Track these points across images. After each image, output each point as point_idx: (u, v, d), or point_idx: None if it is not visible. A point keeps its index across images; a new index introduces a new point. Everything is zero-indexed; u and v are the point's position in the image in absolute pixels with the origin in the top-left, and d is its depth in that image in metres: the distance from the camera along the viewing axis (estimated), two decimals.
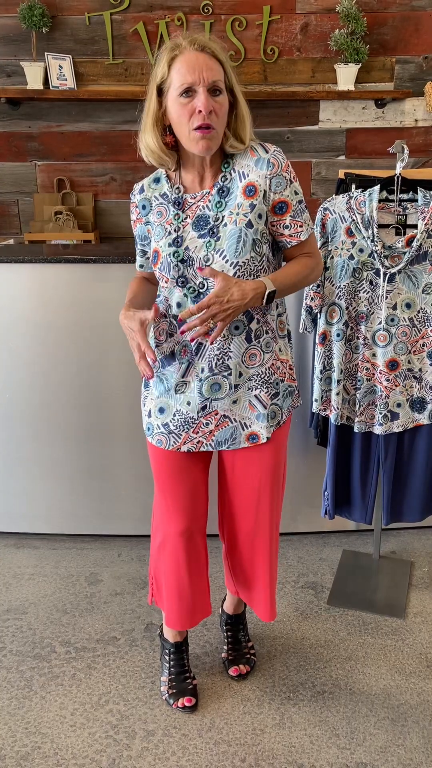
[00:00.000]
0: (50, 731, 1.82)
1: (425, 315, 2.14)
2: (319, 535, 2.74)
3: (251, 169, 1.56)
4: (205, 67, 1.46)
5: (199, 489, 1.80)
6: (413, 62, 3.78)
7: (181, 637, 1.98)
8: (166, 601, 1.89)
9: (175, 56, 1.48)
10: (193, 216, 1.59)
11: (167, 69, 1.49)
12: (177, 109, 1.49)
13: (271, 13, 3.67)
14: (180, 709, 1.87)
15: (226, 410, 1.69)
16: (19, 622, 2.25)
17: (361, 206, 2.05)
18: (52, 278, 2.46)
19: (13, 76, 3.73)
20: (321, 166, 3.92)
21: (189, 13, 3.66)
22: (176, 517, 1.79)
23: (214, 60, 1.48)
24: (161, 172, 1.65)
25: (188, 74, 1.45)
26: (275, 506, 1.82)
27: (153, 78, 1.52)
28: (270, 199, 1.57)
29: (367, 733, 1.81)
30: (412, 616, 2.27)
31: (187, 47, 1.48)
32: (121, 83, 3.76)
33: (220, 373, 1.65)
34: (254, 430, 1.70)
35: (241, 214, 1.55)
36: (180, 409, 1.69)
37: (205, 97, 1.46)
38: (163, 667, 1.98)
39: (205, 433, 1.71)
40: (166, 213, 1.62)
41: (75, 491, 2.67)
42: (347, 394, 2.23)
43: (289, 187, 1.58)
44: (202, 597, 1.88)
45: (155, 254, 1.63)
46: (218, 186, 1.58)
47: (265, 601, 1.85)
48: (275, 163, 1.55)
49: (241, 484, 1.78)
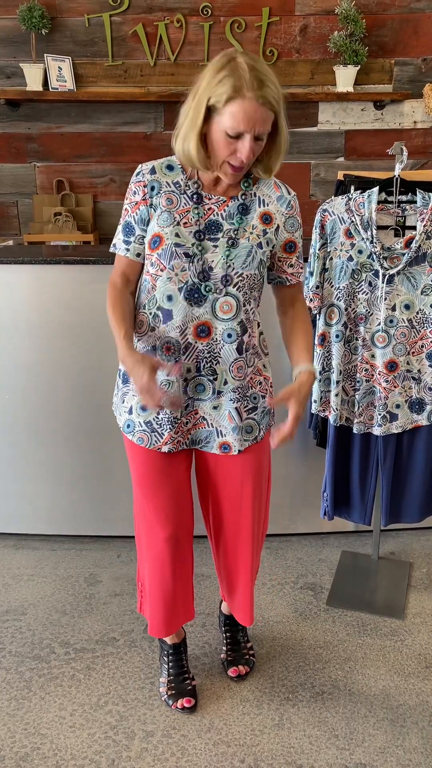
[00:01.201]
0: (49, 732, 1.82)
1: (424, 316, 2.14)
2: (318, 536, 2.74)
3: (271, 201, 1.64)
4: (260, 120, 1.46)
5: (183, 492, 1.79)
6: (412, 64, 3.79)
7: (179, 638, 1.98)
8: (150, 607, 1.88)
9: (235, 98, 1.44)
10: (206, 218, 1.60)
11: (223, 103, 1.45)
12: (220, 139, 1.49)
13: (270, 15, 3.68)
14: (179, 710, 1.87)
15: (206, 413, 1.70)
16: (18, 623, 2.25)
17: (360, 208, 2.06)
18: (52, 279, 2.46)
19: (12, 78, 3.74)
20: (320, 168, 3.93)
21: (188, 14, 3.67)
22: (161, 523, 1.77)
23: (270, 113, 1.47)
24: (174, 160, 1.63)
25: (242, 123, 1.45)
26: (257, 513, 1.82)
27: (203, 90, 1.48)
28: (282, 236, 1.66)
29: (366, 734, 1.81)
30: (411, 617, 2.27)
31: (251, 97, 1.43)
32: (121, 85, 3.76)
33: (207, 376, 1.66)
34: (227, 440, 1.72)
35: (254, 234, 1.61)
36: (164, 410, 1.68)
37: (249, 146, 1.48)
38: (162, 668, 1.98)
39: (183, 432, 1.71)
40: (177, 202, 1.60)
41: (74, 492, 2.67)
42: (346, 395, 2.23)
43: (299, 230, 1.69)
44: (185, 602, 1.88)
45: (156, 239, 1.60)
46: (239, 202, 1.61)
47: (245, 605, 1.86)
48: (294, 206, 1.67)
49: (222, 488, 1.79)
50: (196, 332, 1.62)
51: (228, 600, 1.94)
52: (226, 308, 1.61)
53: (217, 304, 1.61)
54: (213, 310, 1.61)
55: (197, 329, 1.62)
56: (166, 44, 3.70)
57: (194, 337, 1.62)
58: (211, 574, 2.43)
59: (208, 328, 1.62)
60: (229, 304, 1.61)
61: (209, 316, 1.61)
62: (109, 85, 3.77)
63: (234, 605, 1.92)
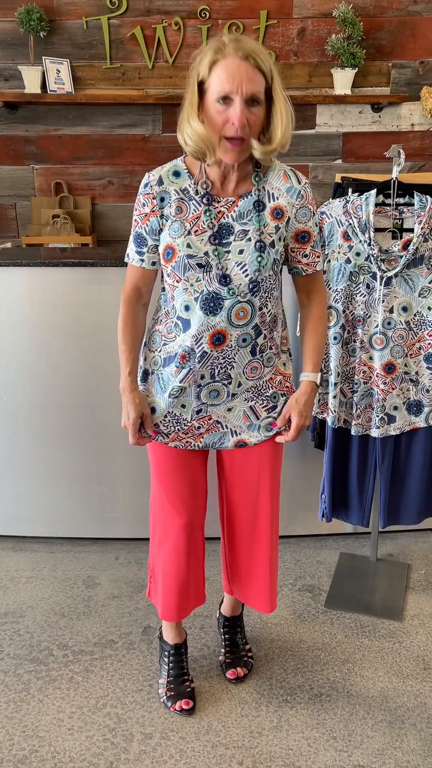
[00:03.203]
0: (48, 734, 1.82)
1: (421, 318, 2.15)
2: (316, 538, 2.75)
3: (281, 194, 1.59)
4: (245, 77, 1.42)
5: (199, 484, 1.83)
6: (409, 67, 3.80)
7: (181, 638, 1.99)
8: (163, 592, 1.89)
9: (217, 60, 1.44)
10: (217, 221, 1.57)
11: (208, 71, 1.45)
12: (213, 114, 1.46)
13: (268, 18, 3.69)
14: (177, 712, 1.87)
15: (220, 416, 1.71)
16: (17, 625, 2.25)
17: (357, 210, 2.06)
18: (50, 281, 2.46)
19: (10, 80, 3.74)
20: (318, 170, 3.93)
21: (186, 17, 3.68)
22: (178, 512, 1.81)
23: (256, 71, 1.44)
24: (180, 164, 1.59)
25: (227, 82, 1.42)
26: (274, 500, 1.84)
27: (194, 72, 1.48)
28: (293, 227, 1.62)
29: (364, 736, 1.81)
30: (409, 618, 2.27)
31: (231, 53, 1.43)
32: (119, 87, 3.77)
33: (221, 381, 1.66)
34: (243, 438, 1.73)
35: (266, 234, 1.57)
36: (172, 411, 1.70)
37: (240, 109, 1.43)
38: (162, 669, 1.98)
39: (195, 435, 1.73)
40: (186, 209, 1.57)
41: (73, 494, 2.67)
42: (344, 397, 2.24)
43: (312, 218, 1.64)
44: (197, 587, 1.91)
45: (169, 251, 1.58)
46: (254, 199, 1.58)
47: (264, 592, 1.87)
48: (305, 196, 1.61)
49: (240, 477, 1.81)
50: (211, 341, 1.61)
51: (242, 591, 1.93)
52: (242, 314, 1.60)
53: (233, 312, 1.59)
54: (229, 318, 1.59)
55: (212, 338, 1.61)
56: (164, 47, 3.71)
57: (209, 346, 1.61)
58: (210, 576, 2.42)
59: (224, 336, 1.61)
60: (244, 310, 1.60)
61: (225, 324, 1.59)
62: (107, 87, 3.77)
63: (250, 593, 1.91)
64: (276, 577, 1.91)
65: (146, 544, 2.72)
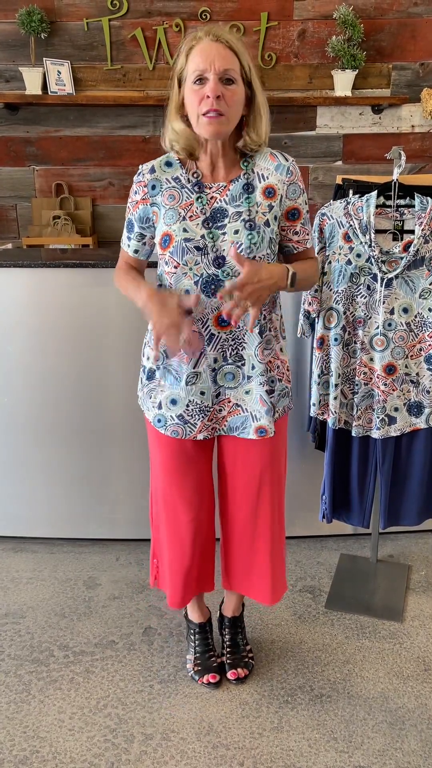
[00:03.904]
0: (48, 735, 1.82)
1: (422, 319, 2.15)
2: (316, 539, 2.75)
3: (271, 173, 1.63)
4: (217, 56, 1.51)
5: (206, 476, 1.85)
6: (410, 68, 3.81)
7: (205, 617, 2.07)
8: (170, 582, 1.93)
9: (192, 46, 1.55)
10: (210, 206, 1.62)
11: (185, 59, 1.55)
12: (190, 95, 1.55)
13: (268, 20, 3.69)
14: (205, 684, 1.97)
15: (239, 399, 1.72)
16: (17, 626, 2.25)
17: (358, 212, 2.07)
18: (50, 283, 2.46)
19: (11, 81, 3.75)
20: (318, 171, 3.94)
21: (187, 19, 3.68)
22: (184, 508, 1.83)
23: (228, 50, 1.53)
24: (172, 155, 1.67)
25: (201, 62, 1.51)
26: (277, 494, 1.85)
27: (174, 69, 1.59)
28: (284, 205, 1.65)
29: (365, 737, 1.81)
30: (409, 619, 2.27)
31: (204, 37, 1.54)
32: (119, 89, 3.78)
33: (235, 363, 1.68)
34: (263, 424, 1.74)
35: (260, 213, 1.61)
36: (193, 399, 1.71)
37: (214, 83, 1.51)
38: (189, 646, 2.07)
39: (219, 419, 1.74)
40: (179, 197, 1.63)
41: (73, 495, 2.67)
42: (345, 398, 2.24)
43: (302, 196, 1.68)
44: (206, 576, 1.95)
45: (166, 238, 1.63)
46: (243, 182, 1.62)
47: (265, 583, 1.88)
48: (293, 172, 1.65)
49: (243, 471, 1.82)
50: (216, 322, 1.64)
51: (244, 584, 1.94)
52: None
53: None
54: (232, 298, 1.61)
55: (218, 319, 1.64)
56: (164, 48, 3.72)
57: (216, 327, 1.65)
58: None
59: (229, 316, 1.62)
60: None
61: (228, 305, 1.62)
62: (107, 88, 3.78)
63: (251, 585, 1.92)
64: (282, 570, 1.92)
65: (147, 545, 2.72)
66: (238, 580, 1.95)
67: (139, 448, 2.56)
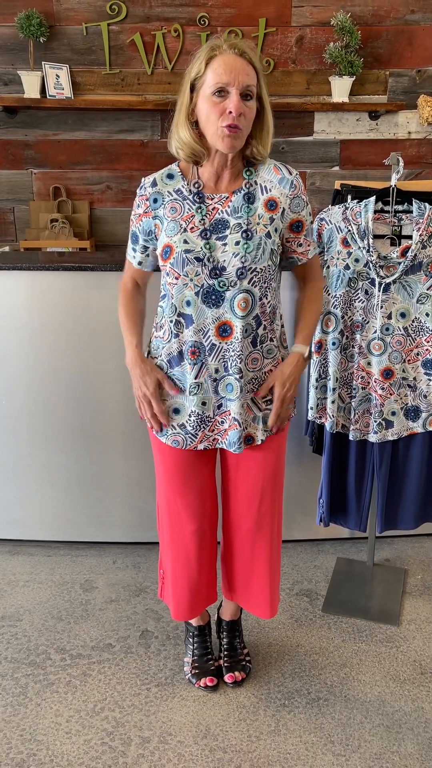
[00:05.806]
0: (45, 738, 1.82)
1: (419, 324, 2.17)
2: (313, 543, 2.75)
3: (274, 186, 1.64)
4: (241, 71, 1.51)
5: (209, 486, 1.85)
6: (406, 75, 3.83)
7: (204, 621, 2.06)
8: (173, 593, 1.93)
9: (213, 56, 1.53)
10: (212, 218, 1.62)
11: (204, 66, 1.54)
12: (208, 106, 1.54)
13: (266, 26, 3.71)
14: (202, 688, 1.97)
15: (236, 413, 1.72)
16: (14, 629, 2.25)
17: (356, 217, 2.08)
18: (48, 286, 2.47)
19: (10, 85, 3.75)
20: (315, 177, 3.96)
21: (186, 24, 3.70)
22: (189, 517, 1.83)
23: (250, 66, 1.54)
24: (174, 168, 1.67)
25: (224, 75, 1.51)
26: (276, 505, 1.85)
27: (188, 74, 1.57)
28: (287, 218, 1.66)
29: (361, 740, 1.82)
30: (405, 623, 2.28)
31: (227, 50, 1.53)
32: (118, 93, 3.79)
33: (234, 374, 1.68)
34: (249, 432, 1.74)
35: (261, 224, 1.62)
36: (194, 410, 1.71)
37: (237, 99, 1.51)
38: (187, 648, 2.06)
39: (221, 431, 1.74)
40: (181, 209, 1.63)
41: (70, 498, 2.67)
42: (342, 402, 2.25)
43: (305, 208, 1.69)
44: (209, 588, 1.95)
45: (167, 249, 1.64)
46: (244, 192, 1.63)
47: (264, 598, 1.88)
48: (297, 186, 1.66)
49: (244, 483, 1.82)
50: (218, 332, 1.65)
51: (243, 597, 1.94)
52: (243, 305, 1.63)
53: (235, 302, 1.62)
54: (232, 309, 1.63)
55: (219, 329, 1.64)
56: (163, 53, 3.73)
57: (217, 338, 1.65)
58: None
59: (230, 327, 1.64)
60: (246, 301, 1.63)
61: (230, 315, 1.63)
62: (106, 93, 3.79)
63: (250, 600, 1.92)
64: (278, 583, 1.92)
65: (143, 548, 2.73)
66: (239, 592, 1.95)
67: (136, 451, 2.57)
